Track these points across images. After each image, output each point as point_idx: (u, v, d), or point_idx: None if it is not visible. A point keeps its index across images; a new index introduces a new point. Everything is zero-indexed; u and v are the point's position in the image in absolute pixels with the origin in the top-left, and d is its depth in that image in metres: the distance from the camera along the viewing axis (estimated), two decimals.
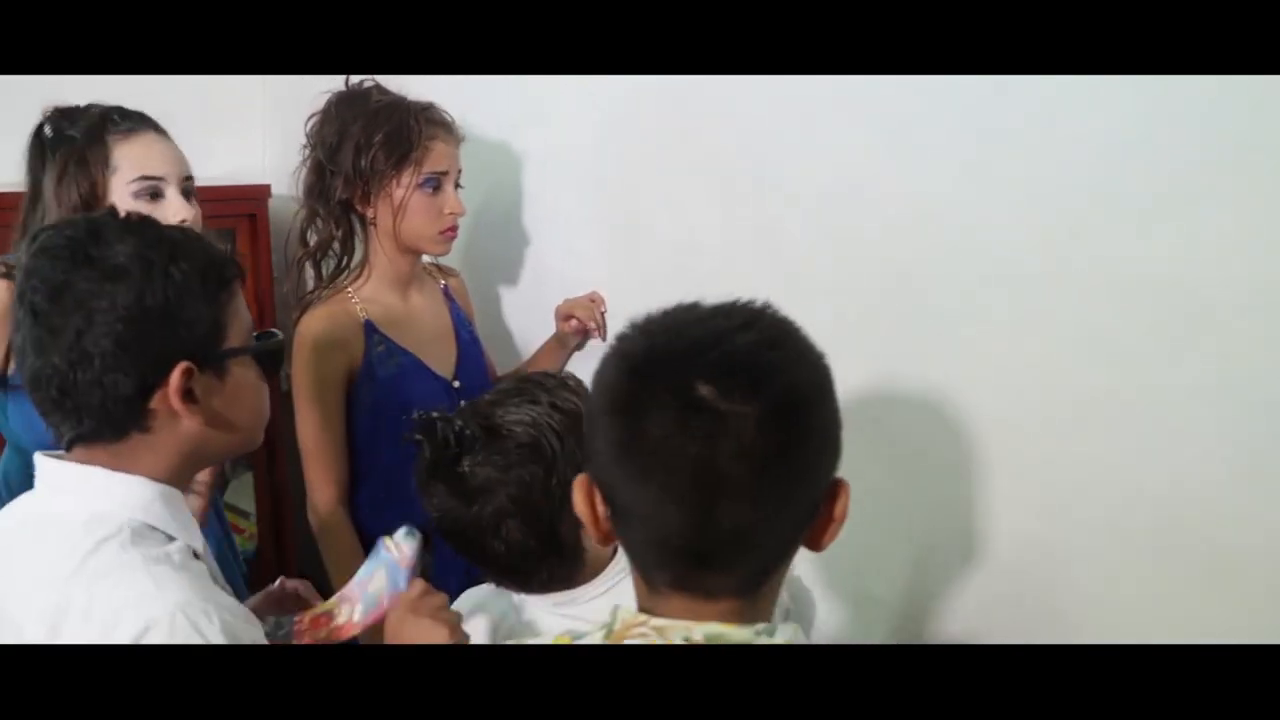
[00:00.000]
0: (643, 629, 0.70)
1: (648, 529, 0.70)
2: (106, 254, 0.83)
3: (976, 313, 1.09)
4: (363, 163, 1.46)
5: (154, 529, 0.87)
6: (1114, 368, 0.97)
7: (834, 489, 0.72)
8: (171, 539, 0.87)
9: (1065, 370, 1.01)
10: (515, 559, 1.00)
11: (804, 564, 1.13)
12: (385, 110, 1.47)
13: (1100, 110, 0.95)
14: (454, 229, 1.53)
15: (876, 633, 1.28)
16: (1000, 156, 1.04)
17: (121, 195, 1.30)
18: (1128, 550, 0.99)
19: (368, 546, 1.11)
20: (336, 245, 1.54)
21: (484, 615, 1.07)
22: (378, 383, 1.49)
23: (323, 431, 1.48)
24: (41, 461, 0.88)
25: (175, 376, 0.85)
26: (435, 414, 1.00)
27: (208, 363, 0.87)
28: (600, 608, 0.98)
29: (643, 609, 0.72)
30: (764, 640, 0.69)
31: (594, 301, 1.61)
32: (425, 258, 1.62)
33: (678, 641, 0.68)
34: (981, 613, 1.15)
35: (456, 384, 1.58)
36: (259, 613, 0.98)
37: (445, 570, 1.30)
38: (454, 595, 1.30)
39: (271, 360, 0.95)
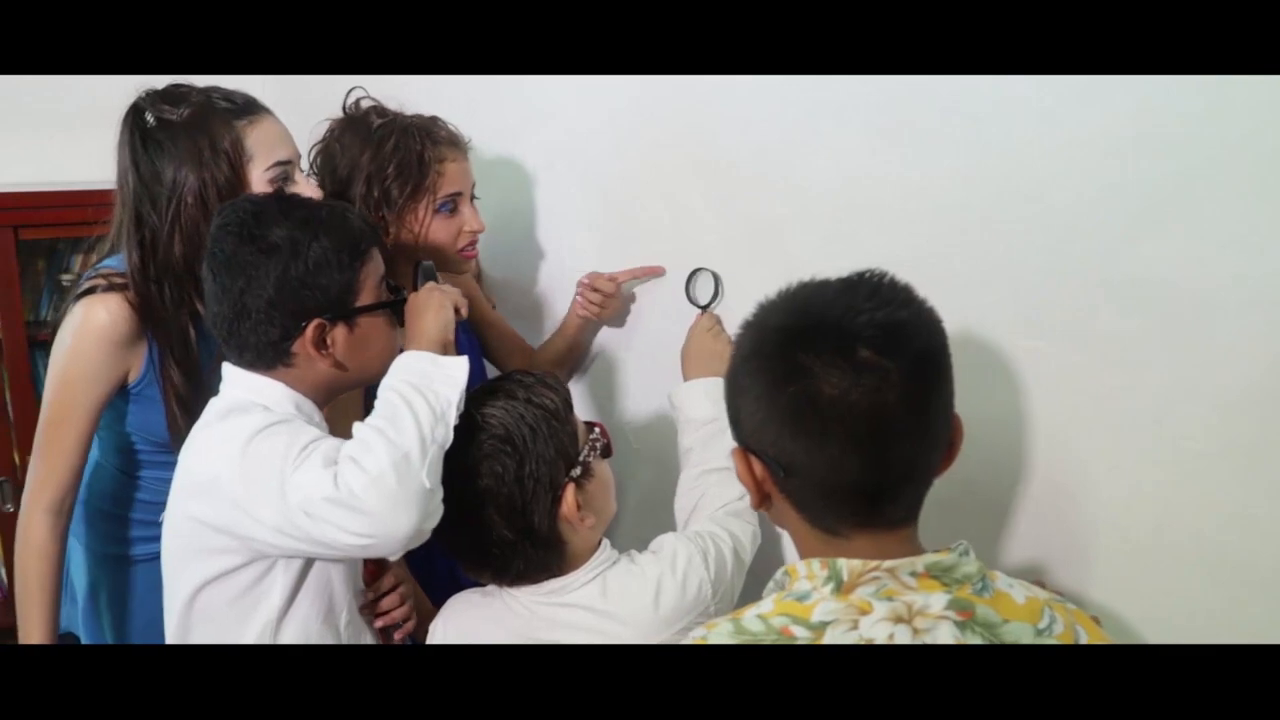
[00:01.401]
0: (875, 572, 0.79)
1: (829, 481, 0.80)
2: (266, 233, 1.07)
3: (976, 312, 1.09)
4: (375, 194, 1.44)
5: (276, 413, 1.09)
6: (1114, 368, 0.97)
7: (955, 421, 0.85)
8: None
9: (1066, 370, 1.01)
10: (491, 549, 1.07)
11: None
12: (391, 138, 1.44)
13: (1100, 110, 0.95)
14: (474, 245, 1.52)
15: None
16: (1000, 156, 1.04)
17: (259, 183, 1.30)
18: (1128, 550, 0.99)
19: None
20: None
21: (490, 626, 1.11)
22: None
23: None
24: (226, 368, 1.13)
25: (309, 329, 1.08)
26: None
27: (339, 318, 1.10)
28: (591, 593, 1.08)
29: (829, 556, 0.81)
30: (965, 560, 0.81)
31: (610, 286, 1.56)
32: None
33: (906, 576, 0.79)
34: None
35: None
36: None
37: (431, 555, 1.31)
38: (441, 580, 1.32)
39: (395, 311, 1.16)
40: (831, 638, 0.77)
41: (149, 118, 1.28)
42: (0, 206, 2.05)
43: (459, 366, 1.08)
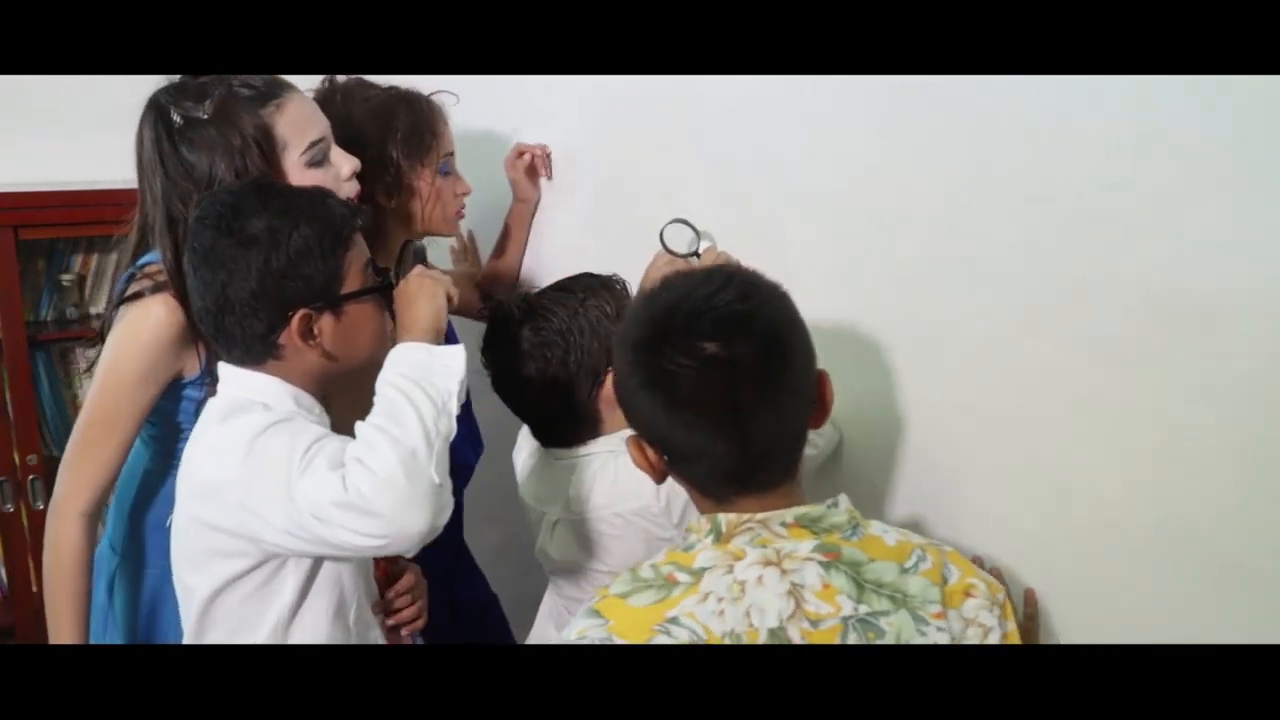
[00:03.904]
0: (749, 523, 0.89)
1: (704, 463, 0.90)
2: (245, 225, 1.05)
3: (976, 312, 1.09)
4: (386, 157, 1.46)
5: (276, 410, 1.09)
6: (1114, 368, 0.97)
7: (820, 381, 0.94)
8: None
9: (1065, 370, 1.01)
10: (544, 419, 1.30)
11: None
12: (393, 103, 1.47)
13: (1100, 110, 0.95)
14: (463, 208, 1.56)
15: None
16: (1000, 156, 1.04)
17: (296, 170, 1.28)
18: (1128, 550, 0.99)
19: None
20: None
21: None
22: None
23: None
24: (220, 367, 1.13)
25: (295, 321, 1.06)
26: (501, 298, 1.35)
27: (325, 307, 1.08)
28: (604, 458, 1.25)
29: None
30: (833, 510, 0.91)
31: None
32: None
33: (777, 526, 0.89)
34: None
35: None
36: None
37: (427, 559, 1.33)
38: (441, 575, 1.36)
39: (383, 295, 1.14)
40: (709, 580, 0.87)
41: (175, 116, 1.25)
42: (0, 206, 2.04)
43: (456, 356, 1.07)
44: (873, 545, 0.90)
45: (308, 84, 1.48)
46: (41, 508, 2.12)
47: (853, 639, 0.85)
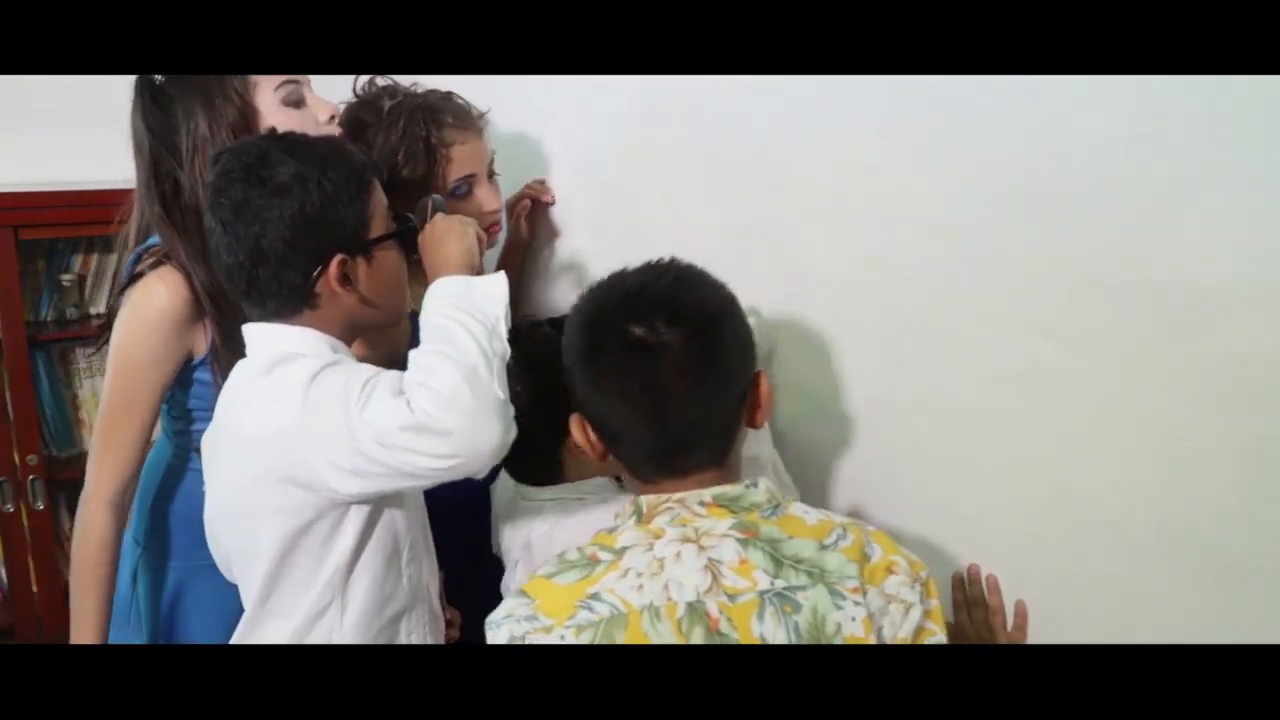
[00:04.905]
0: (668, 503, 0.93)
1: (628, 441, 0.94)
2: (274, 174, 1.05)
3: (976, 312, 1.09)
4: (386, 180, 1.43)
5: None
6: (1114, 367, 0.97)
7: (756, 378, 0.96)
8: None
9: (1065, 370, 1.01)
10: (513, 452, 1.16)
11: None
12: (398, 122, 1.42)
13: (1100, 110, 0.95)
14: (496, 225, 1.49)
15: None
16: (1000, 157, 1.04)
17: (272, 109, 1.29)
18: (1128, 550, 0.99)
19: None
20: None
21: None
22: None
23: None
24: (248, 329, 1.11)
25: (333, 266, 1.06)
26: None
27: (357, 251, 1.08)
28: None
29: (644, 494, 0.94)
30: (752, 490, 0.93)
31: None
32: None
33: (695, 505, 0.92)
34: None
35: None
36: None
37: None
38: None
39: (407, 239, 1.15)
40: (629, 558, 0.90)
41: (156, 77, 1.28)
42: (0, 206, 2.05)
43: (497, 283, 1.06)
44: (791, 524, 0.92)
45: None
46: (42, 508, 2.13)
47: (769, 612, 0.87)
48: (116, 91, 1.33)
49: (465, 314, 1.02)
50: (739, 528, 0.91)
